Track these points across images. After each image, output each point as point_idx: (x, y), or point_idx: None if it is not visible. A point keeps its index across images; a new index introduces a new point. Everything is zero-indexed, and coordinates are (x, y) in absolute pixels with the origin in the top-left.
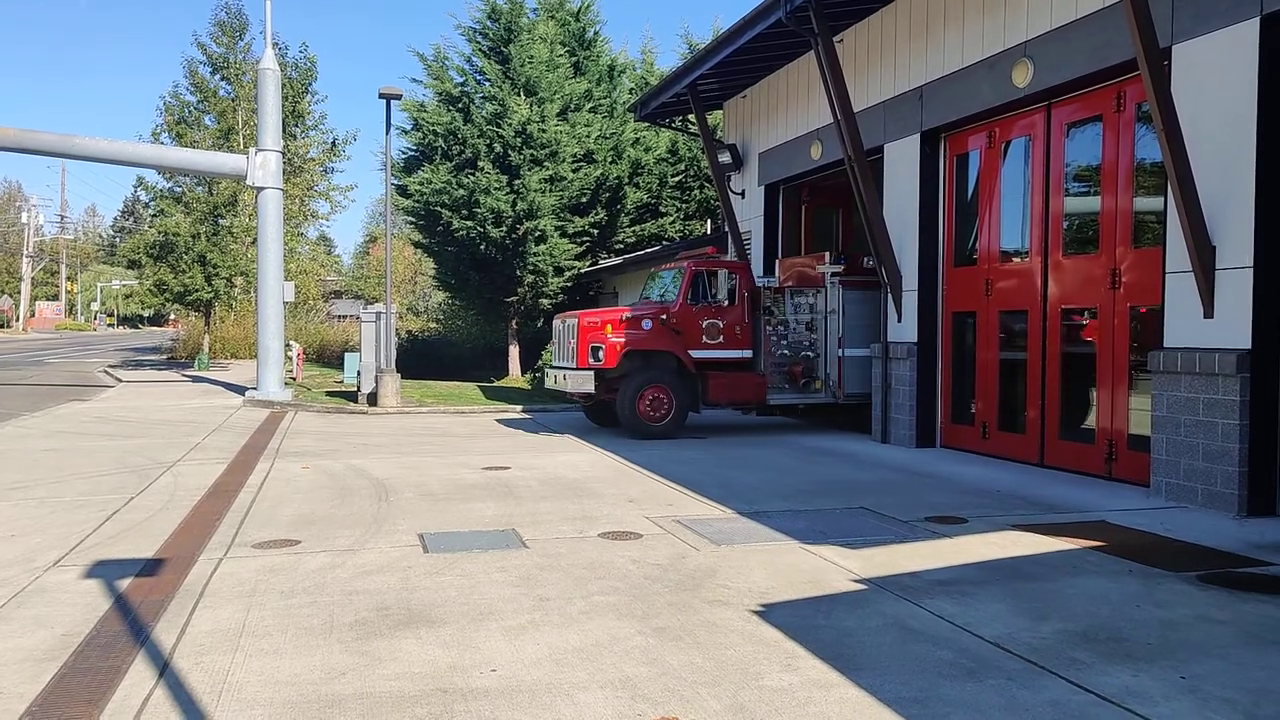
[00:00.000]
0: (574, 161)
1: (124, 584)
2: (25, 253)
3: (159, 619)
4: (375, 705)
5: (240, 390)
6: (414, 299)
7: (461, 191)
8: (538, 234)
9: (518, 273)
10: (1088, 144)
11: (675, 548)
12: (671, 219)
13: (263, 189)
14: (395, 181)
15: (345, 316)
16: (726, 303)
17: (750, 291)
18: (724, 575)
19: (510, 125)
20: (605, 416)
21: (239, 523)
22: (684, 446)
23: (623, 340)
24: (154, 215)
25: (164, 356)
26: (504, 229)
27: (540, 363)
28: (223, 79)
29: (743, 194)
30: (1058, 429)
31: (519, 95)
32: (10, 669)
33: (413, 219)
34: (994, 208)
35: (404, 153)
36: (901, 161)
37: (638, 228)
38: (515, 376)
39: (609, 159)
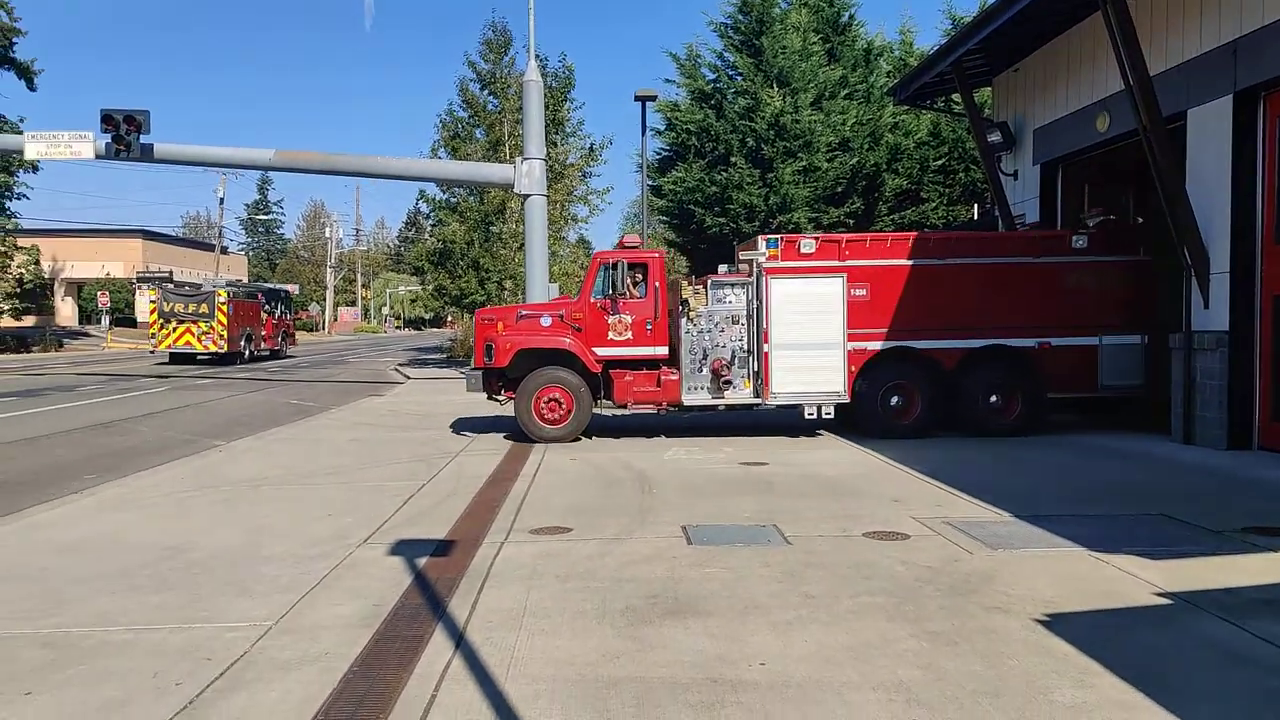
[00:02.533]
0: (829, 151)
1: (421, 562)
2: (328, 264)
3: (452, 595)
4: (648, 690)
5: None
6: None
7: (714, 188)
8: (792, 227)
9: None
10: None
11: (946, 550)
12: (934, 205)
13: (528, 196)
14: (650, 182)
15: None
16: (638, 297)
17: (665, 284)
18: (1002, 581)
19: (763, 118)
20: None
21: (516, 510)
22: (938, 447)
23: (516, 338)
24: (434, 225)
25: (444, 355)
26: (757, 223)
27: None
28: (490, 93)
29: (1015, 175)
30: None
31: (771, 87)
32: (334, 633)
33: (667, 218)
34: None
35: (658, 153)
36: (1208, 128)
37: (897, 216)
38: None
39: (865, 146)
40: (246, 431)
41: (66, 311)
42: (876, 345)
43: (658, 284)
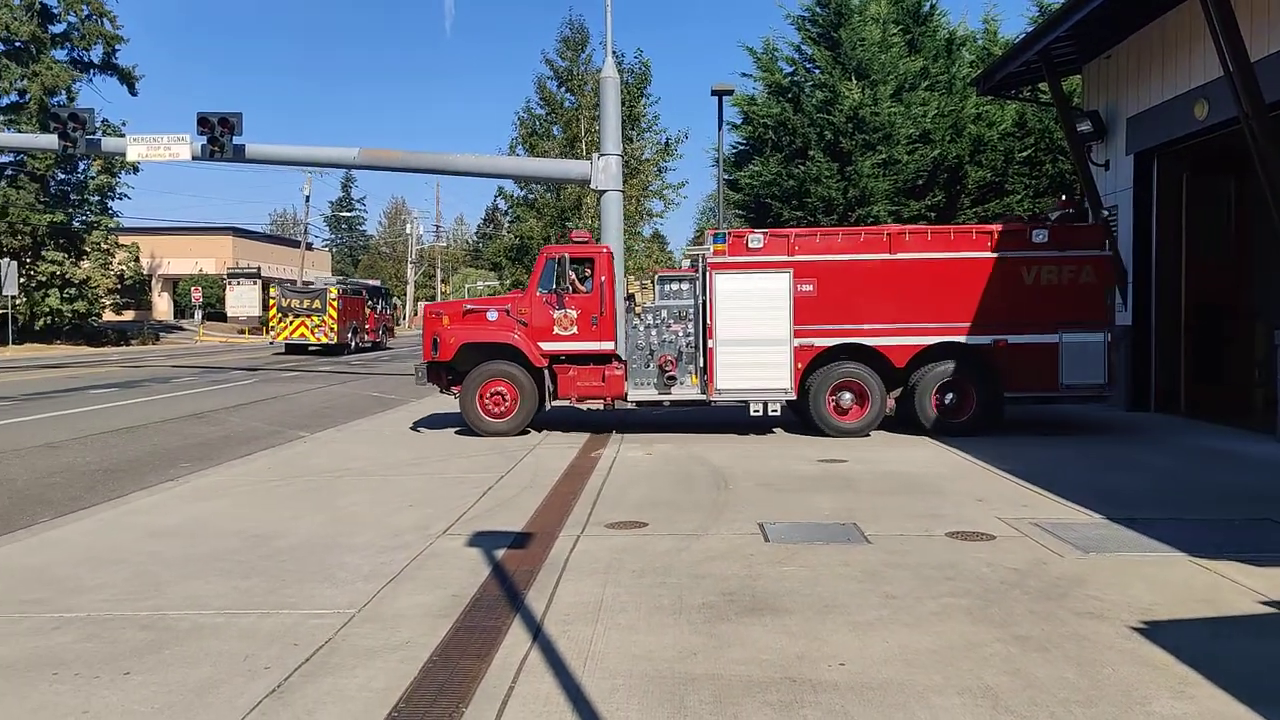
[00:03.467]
0: (909, 143)
1: (499, 554)
2: (409, 259)
3: (530, 588)
4: (726, 687)
5: None
6: None
7: (791, 182)
8: (871, 220)
9: None
10: None
11: (1034, 552)
12: (1019, 197)
13: (604, 191)
14: (726, 176)
15: None
16: (584, 291)
17: (612, 280)
18: (1094, 586)
19: (841, 111)
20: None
21: (592, 503)
22: (1025, 445)
23: (461, 332)
24: (511, 221)
25: None
26: (835, 217)
27: None
28: (567, 91)
29: (1106, 165)
30: None
31: (850, 79)
32: (415, 621)
33: (742, 212)
34: None
35: (734, 147)
36: None
37: (980, 208)
38: None
39: (947, 138)
40: (330, 423)
41: (163, 306)
42: (824, 342)
43: (604, 279)
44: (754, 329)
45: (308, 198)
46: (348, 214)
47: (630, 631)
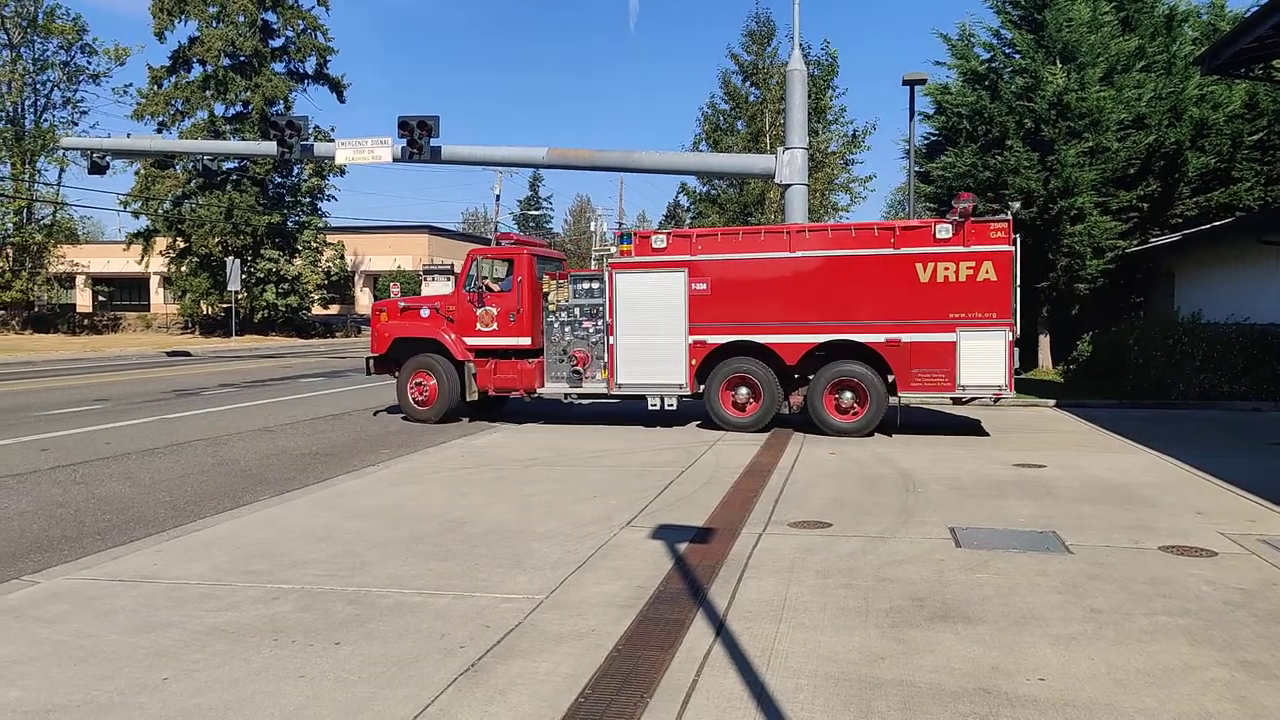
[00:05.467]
0: (1119, 129)
1: (681, 547)
2: (592, 256)
3: (711, 583)
4: (915, 695)
5: None
6: None
7: (987, 173)
8: (1074, 213)
9: (1049, 256)
10: None
11: (1263, 571)
12: (1248, 185)
13: (789, 185)
14: (917, 168)
15: None
16: (504, 290)
17: (531, 279)
18: None
19: (1043, 97)
20: None
21: (774, 501)
22: (1256, 456)
23: (394, 327)
24: (693, 217)
25: None
26: (1034, 210)
27: (1074, 353)
28: (752, 85)
29: None
30: None
31: (1054, 64)
32: (600, 610)
33: (933, 205)
34: None
35: (926, 138)
36: None
37: (1201, 198)
38: (1045, 368)
39: (1164, 122)
40: (523, 413)
41: (365, 301)
42: (718, 339)
43: (521, 279)
44: (652, 326)
45: (498, 196)
46: (535, 212)
47: (814, 631)
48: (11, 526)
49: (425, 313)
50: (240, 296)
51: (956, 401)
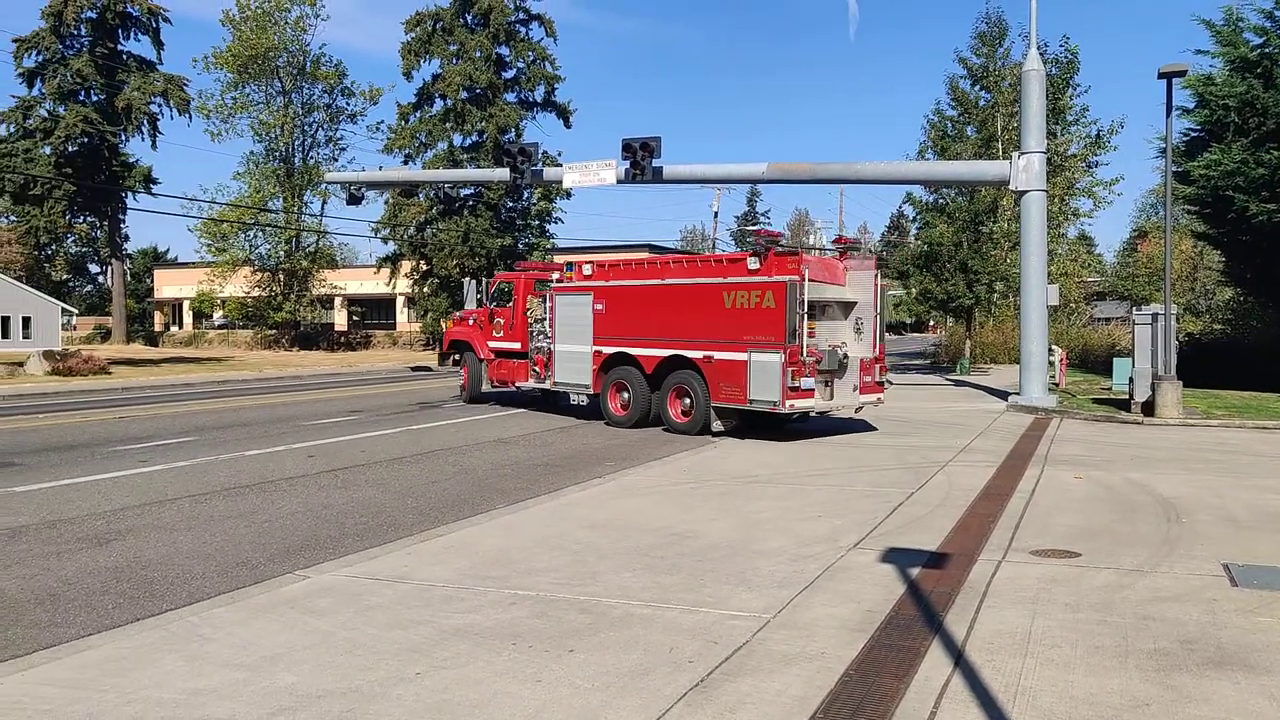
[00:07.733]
0: None
1: (914, 572)
2: None
3: (947, 611)
4: None
5: (1002, 395)
6: (1192, 297)
7: (1260, 171)
8: None
9: None
10: None
11: None
12: None
13: (1025, 192)
14: (1175, 168)
15: (1108, 319)
16: (508, 306)
17: (524, 298)
18: None
19: None
20: None
21: (1013, 527)
22: None
23: (451, 332)
24: (919, 228)
25: (927, 361)
26: None
27: None
28: (982, 88)
29: None
30: None
31: None
32: (828, 633)
33: (1194, 207)
34: None
35: (1184, 134)
36: None
37: None
38: None
39: None
40: (742, 429)
41: None
42: (608, 350)
43: (517, 297)
44: (576, 337)
45: (716, 213)
46: (753, 228)
47: (1065, 669)
48: (286, 525)
49: (471, 321)
50: None
51: (772, 414)
